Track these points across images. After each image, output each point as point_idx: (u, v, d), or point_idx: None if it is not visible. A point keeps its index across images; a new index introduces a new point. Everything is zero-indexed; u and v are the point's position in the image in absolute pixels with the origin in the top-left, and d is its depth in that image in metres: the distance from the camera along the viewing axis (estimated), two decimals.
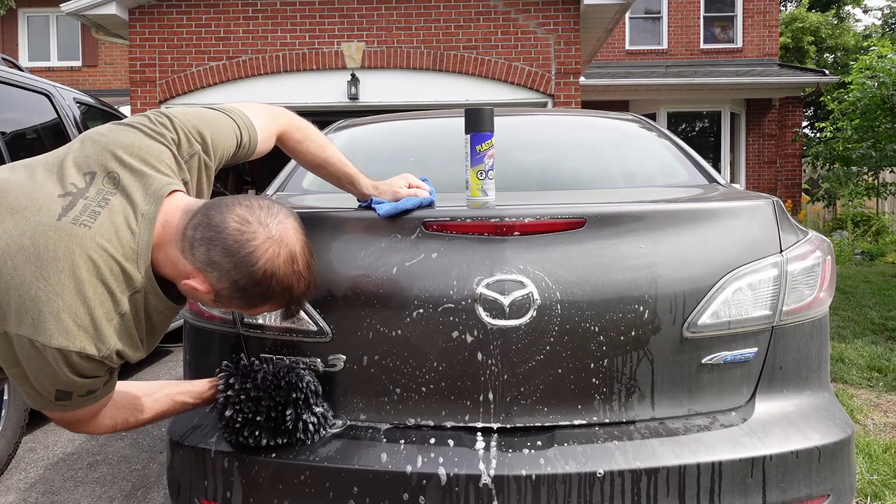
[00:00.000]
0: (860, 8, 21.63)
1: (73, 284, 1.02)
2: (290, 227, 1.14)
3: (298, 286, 1.16)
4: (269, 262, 1.10)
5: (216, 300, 1.15)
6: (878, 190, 8.83)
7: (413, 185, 1.51)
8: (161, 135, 1.20)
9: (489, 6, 8.04)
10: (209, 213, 1.11)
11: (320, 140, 1.49)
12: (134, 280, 1.08)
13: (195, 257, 1.10)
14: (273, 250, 1.10)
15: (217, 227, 1.09)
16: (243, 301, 1.14)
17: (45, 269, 1.01)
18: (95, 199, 1.08)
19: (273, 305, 1.17)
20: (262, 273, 1.09)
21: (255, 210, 1.12)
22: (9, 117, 3.21)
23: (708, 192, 1.83)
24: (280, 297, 1.15)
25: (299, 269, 1.14)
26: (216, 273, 1.09)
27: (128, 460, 2.86)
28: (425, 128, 2.59)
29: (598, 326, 1.36)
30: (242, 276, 1.09)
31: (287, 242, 1.12)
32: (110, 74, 13.72)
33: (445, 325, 1.36)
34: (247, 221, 1.10)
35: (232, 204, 1.12)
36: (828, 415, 1.46)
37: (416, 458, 1.33)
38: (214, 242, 1.08)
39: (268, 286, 1.11)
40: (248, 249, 1.08)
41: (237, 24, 8.07)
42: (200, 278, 1.11)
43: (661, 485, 1.30)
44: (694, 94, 11.74)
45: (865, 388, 3.62)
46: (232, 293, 1.12)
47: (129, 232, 1.08)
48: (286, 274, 1.12)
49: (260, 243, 1.09)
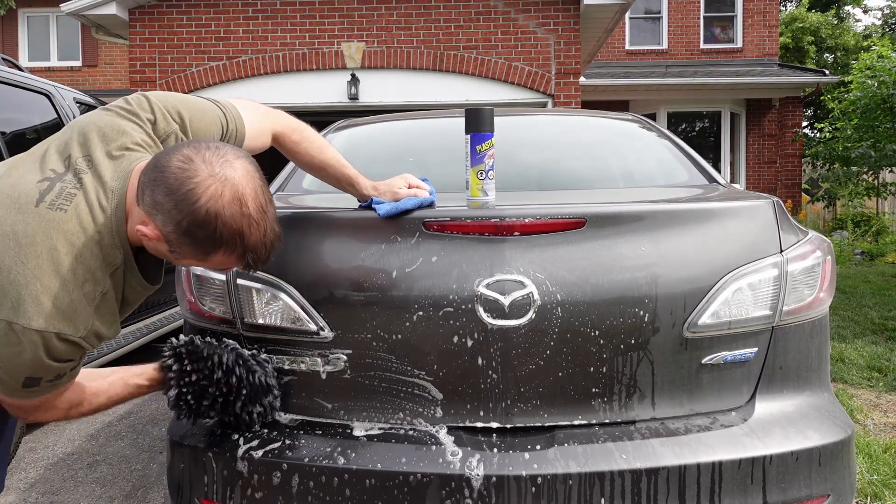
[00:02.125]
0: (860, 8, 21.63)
1: (52, 267, 1.03)
2: (239, 167, 1.08)
3: (250, 232, 1.08)
4: (212, 200, 1.04)
5: (170, 249, 1.10)
6: (878, 190, 8.84)
7: (413, 185, 1.51)
8: (136, 115, 1.21)
9: (489, 6, 8.04)
10: (157, 157, 1.09)
11: (318, 142, 1.49)
12: (112, 258, 1.10)
13: (144, 202, 1.07)
14: (215, 188, 1.04)
15: (160, 168, 1.06)
16: (193, 247, 1.09)
17: (24, 254, 1.02)
18: (71, 181, 1.09)
19: (226, 254, 1.10)
20: (205, 213, 1.04)
21: (201, 150, 1.08)
22: (9, 117, 3.21)
23: (708, 192, 1.83)
24: (231, 243, 1.08)
25: (248, 211, 1.07)
26: (160, 216, 1.06)
27: (128, 460, 2.86)
28: (425, 128, 2.59)
29: (598, 326, 1.36)
30: (184, 215, 1.04)
31: (233, 182, 1.06)
32: (110, 74, 13.71)
33: (445, 325, 1.36)
34: (190, 160, 1.06)
35: (180, 146, 1.09)
36: (828, 415, 1.46)
37: (416, 457, 1.33)
38: (157, 182, 1.05)
39: (213, 229, 1.05)
40: (188, 186, 1.03)
41: (237, 24, 8.07)
42: (150, 224, 1.08)
43: (662, 485, 1.30)
44: (694, 94, 11.73)
45: (865, 388, 3.62)
46: (179, 237, 1.07)
47: (101, 210, 1.09)
48: (233, 215, 1.05)
49: (201, 180, 1.04)
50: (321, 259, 1.42)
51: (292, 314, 1.42)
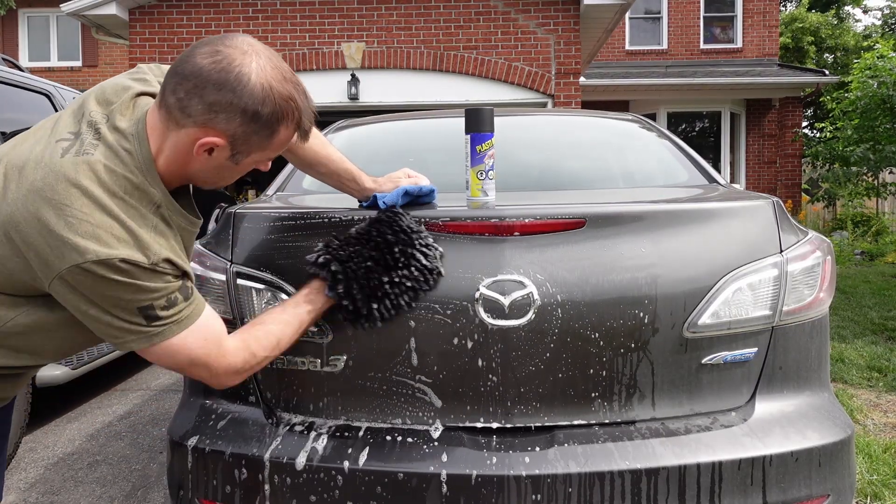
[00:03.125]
0: (860, 8, 21.63)
1: (97, 205, 1.02)
2: (255, 42, 1.11)
3: (298, 94, 1.12)
4: (260, 74, 1.06)
5: (234, 151, 1.11)
6: (878, 190, 8.83)
7: (412, 176, 1.52)
8: (144, 73, 1.22)
9: (489, 6, 8.04)
10: (178, 70, 1.07)
11: (320, 138, 1.49)
12: (151, 195, 1.09)
13: (192, 116, 1.06)
14: (257, 63, 1.07)
15: (194, 73, 1.05)
16: (260, 132, 1.10)
17: (66, 198, 1.01)
18: (89, 134, 1.09)
19: (287, 126, 1.12)
20: (261, 88, 1.06)
21: (215, 43, 1.08)
22: (9, 117, 3.21)
23: (708, 192, 1.83)
24: (289, 112, 1.10)
25: (290, 77, 1.11)
26: (222, 114, 1.06)
27: (128, 460, 2.86)
28: (425, 128, 2.59)
29: (598, 326, 1.36)
30: (245, 98, 1.05)
31: (265, 55, 1.09)
32: (110, 74, 13.70)
33: (446, 325, 1.36)
34: (216, 52, 1.06)
35: (192, 51, 1.09)
36: (828, 415, 1.46)
37: (416, 457, 1.33)
38: (200, 86, 1.05)
39: (273, 101, 1.07)
40: (234, 72, 1.05)
41: (237, 24, 8.07)
42: (211, 132, 1.08)
43: (662, 485, 1.30)
44: (694, 95, 11.74)
45: (865, 388, 3.62)
46: (246, 126, 1.08)
47: (126, 152, 1.09)
48: (281, 83, 1.09)
49: (241, 61, 1.05)
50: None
51: None
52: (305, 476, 1.35)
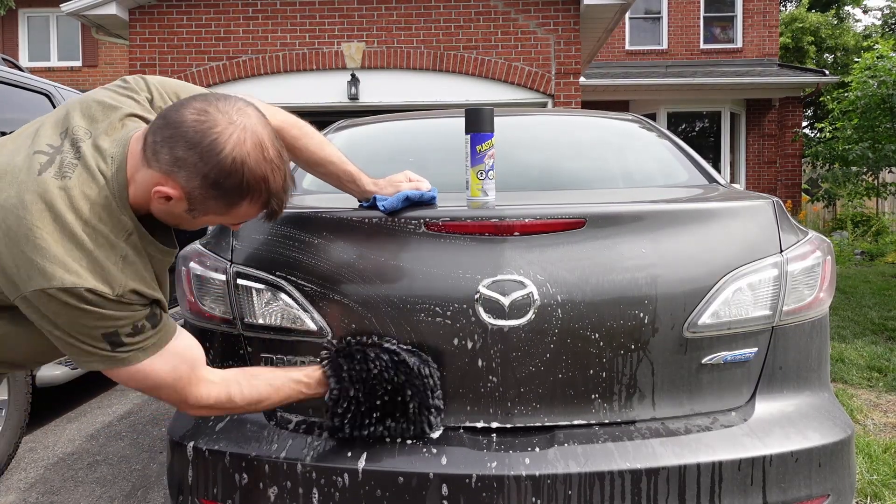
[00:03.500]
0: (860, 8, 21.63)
1: (67, 232, 1.02)
2: (252, 114, 1.08)
3: (274, 177, 1.09)
4: (237, 147, 1.03)
5: (191, 207, 1.09)
6: (878, 190, 8.83)
7: (413, 179, 1.52)
8: (133, 91, 1.21)
9: (489, 6, 8.04)
10: (166, 115, 1.07)
11: (318, 138, 1.49)
12: (123, 223, 1.08)
13: (160, 162, 1.04)
14: (238, 135, 1.04)
15: (175, 123, 1.04)
16: (219, 200, 1.08)
17: (38, 220, 1.01)
18: (70, 152, 1.08)
19: (252, 202, 1.10)
20: (232, 161, 1.03)
21: (212, 101, 1.07)
22: (9, 117, 3.21)
23: (708, 192, 1.83)
24: (257, 190, 1.08)
25: (270, 156, 1.07)
26: (184, 171, 1.04)
27: (128, 460, 2.86)
28: (425, 128, 2.59)
29: (598, 326, 1.36)
30: (211, 167, 1.03)
31: (252, 128, 1.06)
32: (110, 74, 13.71)
33: (446, 325, 1.36)
34: (205, 111, 1.04)
35: (187, 101, 1.08)
36: (828, 415, 1.46)
37: (416, 457, 1.33)
38: (175, 139, 1.03)
39: (241, 177, 1.05)
40: (211, 137, 1.03)
41: (237, 24, 8.07)
42: (170, 183, 1.05)
43: (662, 485, 1.30)
44: (694, 94, 11.74)
45: (865, 388, 3.62)
46: (205, 191, 1.06)
47: (103, 176, 1.08)
48: (257, 161, 1.05)
49: (222, 129, 1.03)
50: (321, 259, 1.42)
51: (292, 314, 1.42)
52: (305, 476, 1.35)
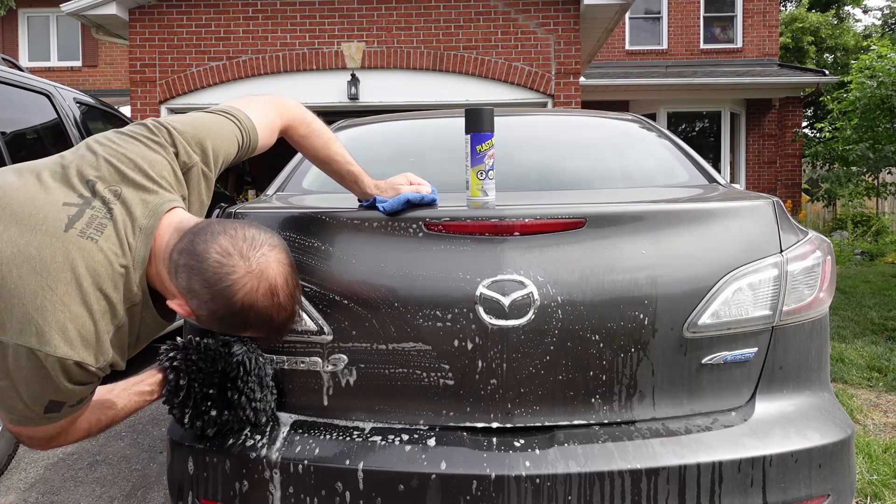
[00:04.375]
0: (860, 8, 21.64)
1: (80, 296, 1.02)
2: (272, 259, 1.13)
3: (279, 316, 1.15)
4: (248, 295, 1.09)
5: (197, 321, 1.16)
6: (878, 190, 8.83)
7: (414, 182, 1.52)
8: (162, 146, 1.21)
9: (489, 6, 8.04)
10: (194, 241, 1.10)
11: (325, 136, 1.49)
12: (132, 294, 1.10)
13: (178, 282, 1.10)
14: (251, 284, 1.09)
15: (199, 257, 1.09)
16: (222, 327, 1.16)
17: (53, 280, 1.01)
18: (101, 209, 1.09)
19: (254, 332, 1.18)
20: (240, 306, 1.10)
21: (237, 241, 1.11)
22: (9, 117, 3.21)
23: (708, 192, 1.83)
24: (259, 326, 1.15)
25: (279, 301, 1.13)
26: (195, 301, 1.10)
27: (128, 460, 2.86)
28: (425, 128, 2.59)
29: (598, 326, 1.36)
30: (220, 307, 1.10)
31: (267, 276, 1.11)
32: (110, 74, 13.71)
33: (446, 325, 1.36)
34: (228, 254, 1.09)
35: (217, 233, 1.11)
36: (828, 415, 1.46)
37: (416, 457, 1.33)
38: (195, 272, 1.08)
39: (245, 317, 1.12)
40: (226, 283, 1.08)
41: (237, 24, 8.07)
42: (182, 301, 1.12)
43: (662, 485, 1.30)
44: (694, 94, 11.73)
45: (865, 388, 3.62)
46: (210, 320, 1.14)
47: (129, 246, 1.09)
48: (265, 307, 1.12)
49: (238, 277, 1.09)
50: (321, 259, 1.42)
51: None
52: (306, 476, 1.35)
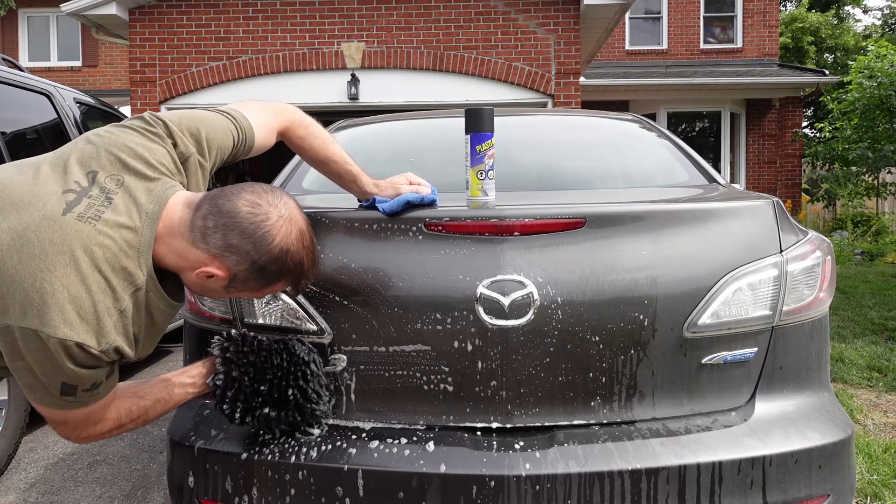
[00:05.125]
0: (860, 8, 21.64)
1: (78, 278, 1.03)
2: (294, 206, 1.22)
3: (308, 260, 1.23)
4: (284, 238, 1.16)
5: (230, 285, 1.19)
6: (878, 190, 8.83)
7: (414, 182, 1.52)
8: (160, 136, 1.23)
9: (489, 6, 8.04)
10: (217, 202, 1.15)
11: (323, 137, 1.50)
12: (135, 278, 1.10)
13: (210, 245, 1.13)
14: (286, 228, 1.17)
15: (230, 213, 1.14)
16: (259, 281, 1.19)
17: (52, 262, 1.02)
18: (99, 197, 1.10)
19: (285, 282, 1.23)
20: (279, 250, 1.16)
21: (261, 194, 1.18)
22: (9, 117, 3.21)
23: (708, 192, 1.83)
24: (293, 272, 1.21)
25: (308, 244, 1.22)
26: (235, 256, 1.14)
27: (128, 460, 2.86)
28: (425, 128, 2.59)
29: (597, 327, 1.36)
30: (262, 254, 1.15)
31: (296, 220, 1.20)
32: (110, 74, 13.71)
33: (445, 325, 1.36)
34: (257, 204, 1.16)
35: (238, 191, 1.18)
36: (828, 415, 1.46)
37: (415, 458, 1.33)
38: (230, 227, 1.13)
39: (283, 262, 1.17)
40: (264, 229, 1.14)
41: (237, 24, 8.07)
42: (217, 264, 1.15)
43: (662, 485, 1.30)
44: (694, 94, 11.73)
45: (865, 388, 3.62)
46: (250, 274, 1.17)
47: (132, 231, 1.10)
48: (298, 249, 1.19)
49: (274, 222, 1.16)
50: (321, 259, 1.42)
51: (292, 314, 1.43)
52: (306, 476, 1.35)
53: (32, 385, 1.09)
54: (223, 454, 1.40)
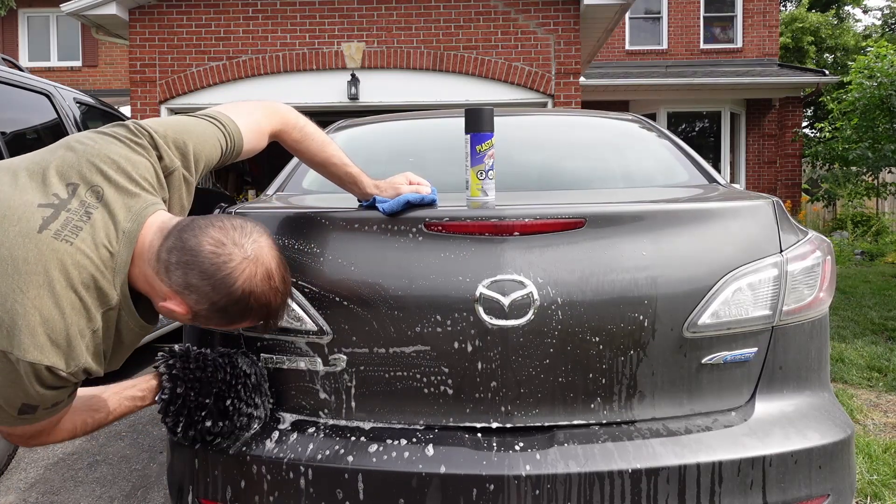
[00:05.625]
0: (860, 8, 21.64)
1: (52, 300, 1.01)
2: (264, 245, 1.16)
3: (276, 301, 1.18)
4: (247, 281, 1.11)
5: (194, 319, 1.16)
6: (878, 190, 8.83)
7: (414, 182, 1.51)
8: (144, 148, 1.20)
9: (489, 6, 8.04)
10: (183, 237, 1.11)
11: (320, 139, 1.49)
12: (109, 297, 1.08)
13: (171, 280, 1.10)
14: (250, 270, 1.12)
15: (192, 251, 1.09)
16: (222, 320, 1.16)
17: (24, 282, 0.99)
18: (77, 212, 1.07)
19: (252, 321, 1.19)
20: (241, 293, 1.11)
21: (228, 231, 1.13)
22: (9, 117, 3.21)
23: (708, 192, 1.83)
24: (258, 312, 1.17)
25: (276, 285, 1.16)
26: (194, 296, 1.11)
27: (128, 460, 2.86)
28: (425, 128, 2.59)
29: (597, 327, 1.36)
30: (221, 296, 1.11)
31: (263, 261, 1.14)
32: (110, 74, 13.71)
33: (445, 325, 1.36)
34: (221, 244, 1.10)
35: (205, 226, 1.12)
36: (828, 415, 1.46)
37: (416, 457, 1.33)
38: (191, 266, 1.09)
39: (246, 304, 1.13)
40: (225, 271, 1.10)
41: (237, 24, 8.07)
42: (178, 300, 1.12)
43: (662, 485, 1.30)
44: (694, 94, 11.73)
45: (865, 388, 3.62)
46: (210, 313, 1.14)
47: (108, 251, 1.08)
48: (264, 291, 1.14)
49: (237, 264, 1.11)
50: (321, 259, 1.42)
51: (292, 314, 1.42)
52: (306, 475, 1.35)
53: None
54: (223, 454, 1.40)
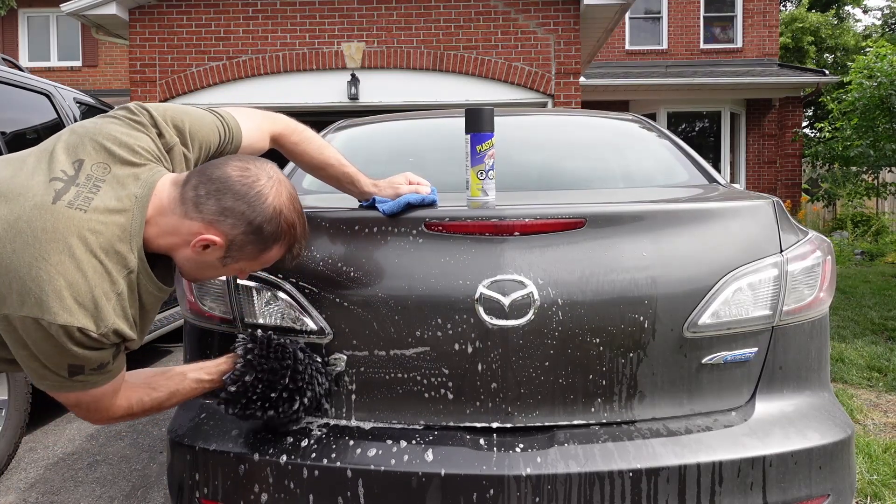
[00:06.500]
0: (860, 8, 21.64)
1: (74, 264, 1.05)
2: (281, 173, 1.25)
3: (300, 224, 1.25)
4: (277, 198, 1.19)
5: (227, 254, 1.19)
6: (878, 190, 8.83)
7: (413, 182, 1.52)
8: (144, 125, 1.24)
9: (489, 6, 8.04)
10: (206, 172, 1.18)
11: (317, 142, 1.50)
12: (128, 261, 1.12)
13: (204, 212, 1.15)
14: (277, 188, 1.20)
15: (221, 179, 1.17)
16: (256, 245, 1.20)
17: (45, 250, 1.03)
18: (86, 185, 1.11)
19: (281, 247, 1.24)
20: (273, 209, 1.18)
21: (249, 160, 1.22)
22: (9, 117, 3.21)
23: (708, 192, 1.83)
24: (287, 235, 1.23)
25: (298, 207, 1.25)
26: (231, 219, 1.16)
27: (128, 460, 2.86)
28: (425, 128, 2.59)
29: (597, 326, 1.36)
30: (257, 213, 1.17)
31: (285, 184, 1.23)
32: (110, 74, 13.70)
33: (446, 325, 1.36)
34: (246, 168, 1.19)
35: (225, 160, 1.21)
36: (828, 415, 1.46)
37: (415, 457, 1.33)
38: (222, 192, 1.16)
39: (278, 223, 1.20)
40: (256, 188, 1.17)
41: (237, 24, 8.07)
42: (213, 230, 1.16)
43: (662, 485, 1.30)
44: (694, 94, 11.73)
45: (865, 388, 3.62)
46: (246, 237, 1.18)
47: (122, 215, 1.11)
48: (290, 211, 1.22)
49: (265, 182, 1.19)
50: (321, 259, 1.42)
51: (292, 314, 1.43)
52: (305, 475, 1.35)
53: (41, 373, 1.11)
54: (223, 454, 1.40)
